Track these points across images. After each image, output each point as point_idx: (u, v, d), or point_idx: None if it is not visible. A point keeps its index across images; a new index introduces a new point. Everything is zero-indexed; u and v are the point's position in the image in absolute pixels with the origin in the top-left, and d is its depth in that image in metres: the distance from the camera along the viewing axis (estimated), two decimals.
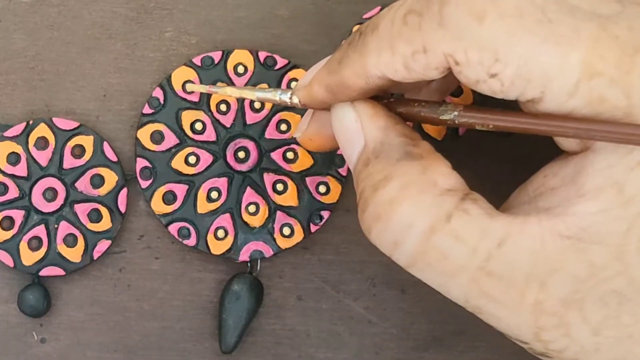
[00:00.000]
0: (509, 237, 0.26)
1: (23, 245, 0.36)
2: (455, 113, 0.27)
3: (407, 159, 0.28)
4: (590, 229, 0.26)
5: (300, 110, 0.37)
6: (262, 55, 0.37)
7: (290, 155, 0.37)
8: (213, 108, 0.37)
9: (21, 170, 0.36)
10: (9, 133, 0.37)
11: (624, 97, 0.25)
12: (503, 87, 0.26)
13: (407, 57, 0.27)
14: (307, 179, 0.37)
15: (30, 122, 0.37)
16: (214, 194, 0.37)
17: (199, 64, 0.37)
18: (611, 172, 0.26)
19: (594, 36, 0.25)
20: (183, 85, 0.37)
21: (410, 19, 0.27)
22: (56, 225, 0.36)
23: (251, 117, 0.37)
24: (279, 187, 0.37)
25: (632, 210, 0.25)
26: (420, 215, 0.27)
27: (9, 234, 0.36)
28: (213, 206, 0.37)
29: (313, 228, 0.37)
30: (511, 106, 0.28)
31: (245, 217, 0.37)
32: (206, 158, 0.37)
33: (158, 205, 0.37)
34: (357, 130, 0.29)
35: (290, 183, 0.37)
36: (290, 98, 0.31)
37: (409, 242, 0.27)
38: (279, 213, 0.37)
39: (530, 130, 0.27)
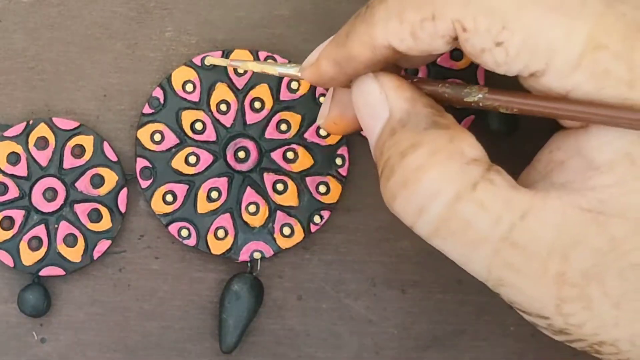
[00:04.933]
0: (531, 210, 0.27)
1: (23, 245, 0.36)
2: (480, 95, 0.28)
3: (434, 127, 0.28)
4: (609, 201, 0.26)
5: (301, 109, 0.37)
6: (262, 55, 0.37)
7: (290, 155, 0.37)
8: (213, 108, 0.37)
9: (21, 170, 0.36)
10: (9, 133, 0.37)
11: (627, 71, 0.25)
12: (508, 57, 0.26)
13: (415, 25, 0.27)
14: (307, 179, 0.37)
15: (30, 122, 0.37)
16: (214, 194, 0.37)
17: (199, 63, 0.37)
18: (620, 144, 0.26)
19: (600, 11, 0.26)
20: (183, 85, 0.37)
21: None
22: (56, 225, 0.36)
23: (251, 117, 0.37)
24: (279, 187, 0.37)
25: None
26: (448, 182, 0.27)
27: (9, 234, 0.36)
28: (213, 206, 0.37)
29: (313, 228, 0.37)
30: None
31: (246, 217, 0.37)
32: (206, 158, 0.37)
33: (158, 205, 0.37)
34: (382, 101, 0.29)
35: (290, 183, 0.37)
36: None
37: (434, 209, 0.27)
38: (279, 213, 0.37)
39: (552, 115, 0.27)
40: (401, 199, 0.28)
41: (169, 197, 0.37)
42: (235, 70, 0.37)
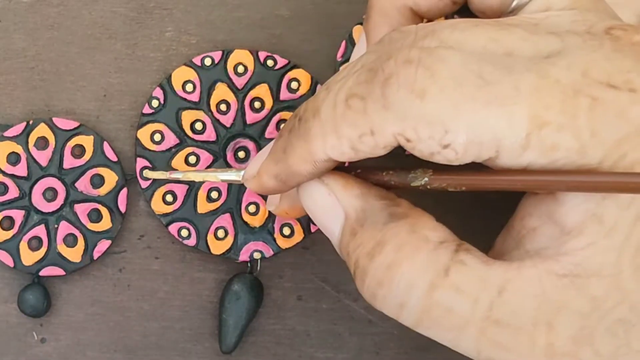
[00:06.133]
0: (508, 284, 0.27)
1: (23, 245, 0.36)
2: (426, 179, 0.28)
3: (393, 220, 0.28)
4: (583, 263, 0.26)
5: None
6: (262, 55, 0.37)
7: None
8: (213, 108, 0.37)
9: (21, 170, 0.37)
10: (9, 133, 0.37)
11: (574, 140, 0.26)
12: (457, 155, 0.26)
13: (354, 140, 0.27)
14: None
15: (30, 122, 0.37)
16: (214, 194, 0.37)
17: (199, 64, 0.37)
18: (586, 206, 0.26)
19: (534, 87, 0.26)
20: (183, 85, 0.37)
21: (353, 102, 0.27)
22: (56, 225, 0.36)
23: (251, 117, 0.37)
24: None
25: (616, 238, 0.26)
26: (420, 274, 0.27)
27: (9, 234, 0.36)
28: (213, 206, 0.37)
29: (313, 228, 0.37)
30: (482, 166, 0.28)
31: (246, 217, 0.37)
32: (206, 158, 0.37)
33: (158, 205, 0.37)
34: (333, 203, 0.29)
35: None
36: None
37: (413, 301, 0.27)
38: None
39: (503, 188, 0.27)
40: (380, 297, 0.28)
41: (169, 197, 0.37)
42: (235, 70, 0.37)
